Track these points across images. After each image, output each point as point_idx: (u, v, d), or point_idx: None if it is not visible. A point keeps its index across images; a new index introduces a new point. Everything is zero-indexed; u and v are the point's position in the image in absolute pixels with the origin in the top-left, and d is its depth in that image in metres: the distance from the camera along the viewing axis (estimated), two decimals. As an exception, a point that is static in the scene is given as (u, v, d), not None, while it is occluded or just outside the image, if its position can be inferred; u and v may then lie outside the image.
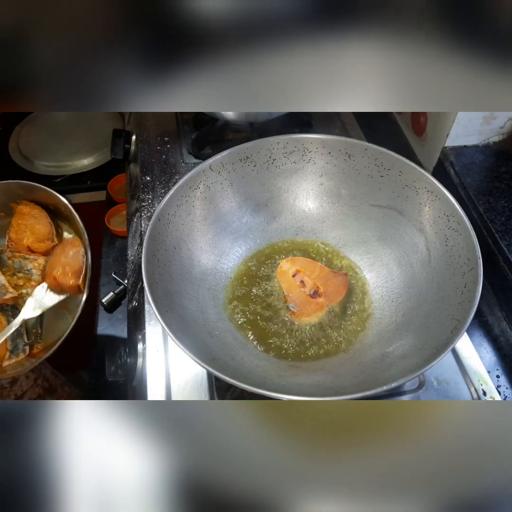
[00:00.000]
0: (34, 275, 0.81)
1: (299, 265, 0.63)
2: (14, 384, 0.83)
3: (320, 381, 0.56)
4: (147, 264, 0.54)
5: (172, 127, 0.97)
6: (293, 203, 0.71)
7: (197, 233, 0.65)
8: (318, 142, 0.66)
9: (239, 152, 0.66)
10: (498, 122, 0.78)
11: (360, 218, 0.69)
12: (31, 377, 0.87)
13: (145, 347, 0.66)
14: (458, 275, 0.55)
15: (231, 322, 0.63)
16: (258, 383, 0.47)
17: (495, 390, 0.62)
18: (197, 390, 0.61)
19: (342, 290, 0.63)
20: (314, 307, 0.61)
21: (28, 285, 0.80)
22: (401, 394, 0.60)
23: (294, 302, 0.61)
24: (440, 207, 0.59)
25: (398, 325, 0.60)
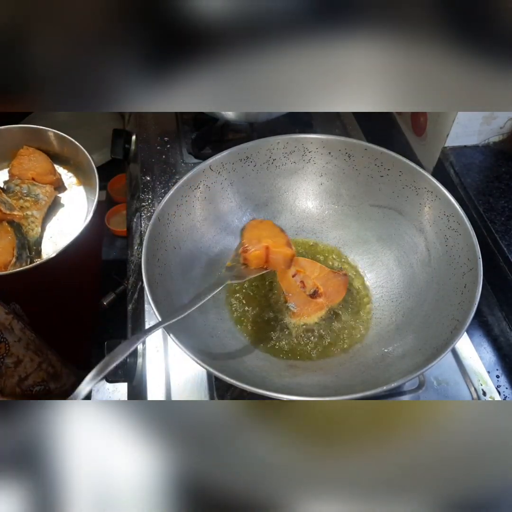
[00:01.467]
0: (41, 200, 0.86)
1: (299, 265, 0.63)
2: (19, 365, 0.83)
3: (320, 381, 0.56)
4: (147, 264, 0.54)
5: (172, 127, 0.97)
6: (293, 203, 0.71)
7: (197, 233, 0.65)
8: (318, 142, 0.67)
9: (239, 152, 0.66)
10: (498, 122, 0.78)
11: (360, 218, 0.69)
12: (36, 360, 0.87)
13: (145, 347, 0.66)
14: (458, 275, 0.55)
15: (231, 322, 0.63)
16: (258, 383, 0.47)
17: (495, 390, 0.62)
18: (197, 390, 0.61)
19: (342, 290, 0.63)
20: (314, 307, 0.61)
21: (34, 208, 0.85)
22: (401, 394, 0.60)
23: (294, 302, 0.61)
24: (440, 207, 0.59)
25: (398, 325, 0.60)
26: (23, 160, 0.89)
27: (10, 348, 0.80)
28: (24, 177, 0.87)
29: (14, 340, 0.82)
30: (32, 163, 0.88)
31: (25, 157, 0.89)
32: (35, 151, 0.90)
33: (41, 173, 0.88)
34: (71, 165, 0.94)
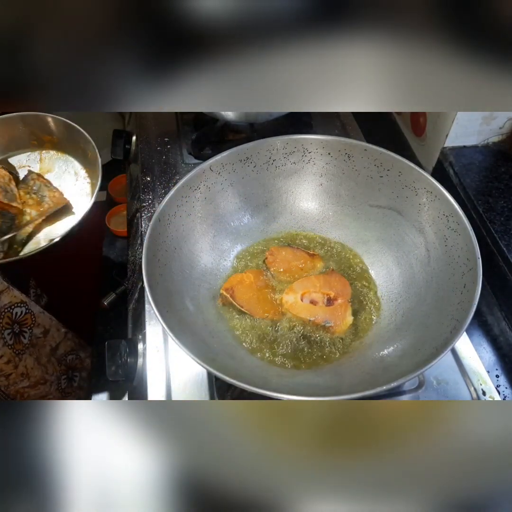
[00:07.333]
0: (45, 203, 0.86)
1: (299, 289, 0.63)
2: (47, 334, 0.85)
3: (320, 381, 0.56)
4: (147, 264, 0.55)
5: (172, 127, 0.98)
6: (293, 203, 0.71)
7: (197, 233, 0.65)
8: (318, 142, 0.67)
9: (239, 153, 0.66)
10: (497, 123, 0.78)
11: (360, 219, 0.69)
12: (61, 330, 0.89)
13: (145, 347, 0.66)
14: (458, 275, 0.55)
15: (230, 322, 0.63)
16: (258, 383, 0.47)
17: (495, 390, 0.62)
18: (197, 390, 0.62)
19: (344, 281, 0.64)
20: (340, 309, 0.61)
21: (35, 208, 0.85)
22: (401, 394, 0.60)
23: (324, 320, 0.61)
24: (440, 207, 0.59)
25: (397, 325, 0.60)
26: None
27: (36, 318, 0.81)
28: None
29: (39, 312, 0.83)
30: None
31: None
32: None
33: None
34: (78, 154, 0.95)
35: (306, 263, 0.66)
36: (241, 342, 0.60)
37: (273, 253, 0.67)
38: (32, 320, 0.80)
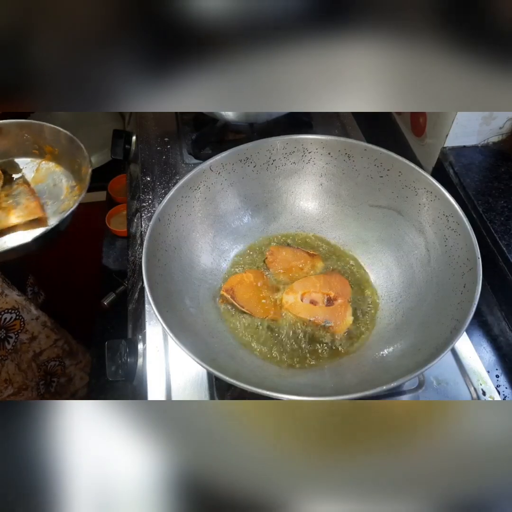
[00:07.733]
0: (17, 209, 0.84)
1: (299, 289, 0.63)
2: (33, 341, 0.84)
3: (320, 381, 0.56)
4: (147, 264, 0.55)
5: (172, 127, 0.98)
6: (293, 203, 0.71)
7: (197, 233, 0.65)
8: (318, 142, 0.67)
9: (239, 153, 0.66)
10: (497, 123, 0.78)
11: (360, 219, 0.69)
12: (52, 337, 0.89)
13: (145, 347, 0.66)
14: (458, 275, 0.55)
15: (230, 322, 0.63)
16: (258, 383, 0.47)
17: (495, 390, 0.62)
18: (197, 390, 0.62)
19: (344, 280, 0.64)
20: (340, 309, 0.61)
21: (6, 212, 0.84)
22: (401, 394, 0.60)
23: (324, 320, 0.61)
24: (440, 207, 0.59)
25: (397, 325, 0.60)
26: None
27: (26, 325, 0.81)
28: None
29: (31, 318, 0.83)
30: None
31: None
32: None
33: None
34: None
35: (306, 263, 0.66)
36: (241, 342, 0.60)
37: (273, 253, 0.67)
38: (20, 326, 0.80)
